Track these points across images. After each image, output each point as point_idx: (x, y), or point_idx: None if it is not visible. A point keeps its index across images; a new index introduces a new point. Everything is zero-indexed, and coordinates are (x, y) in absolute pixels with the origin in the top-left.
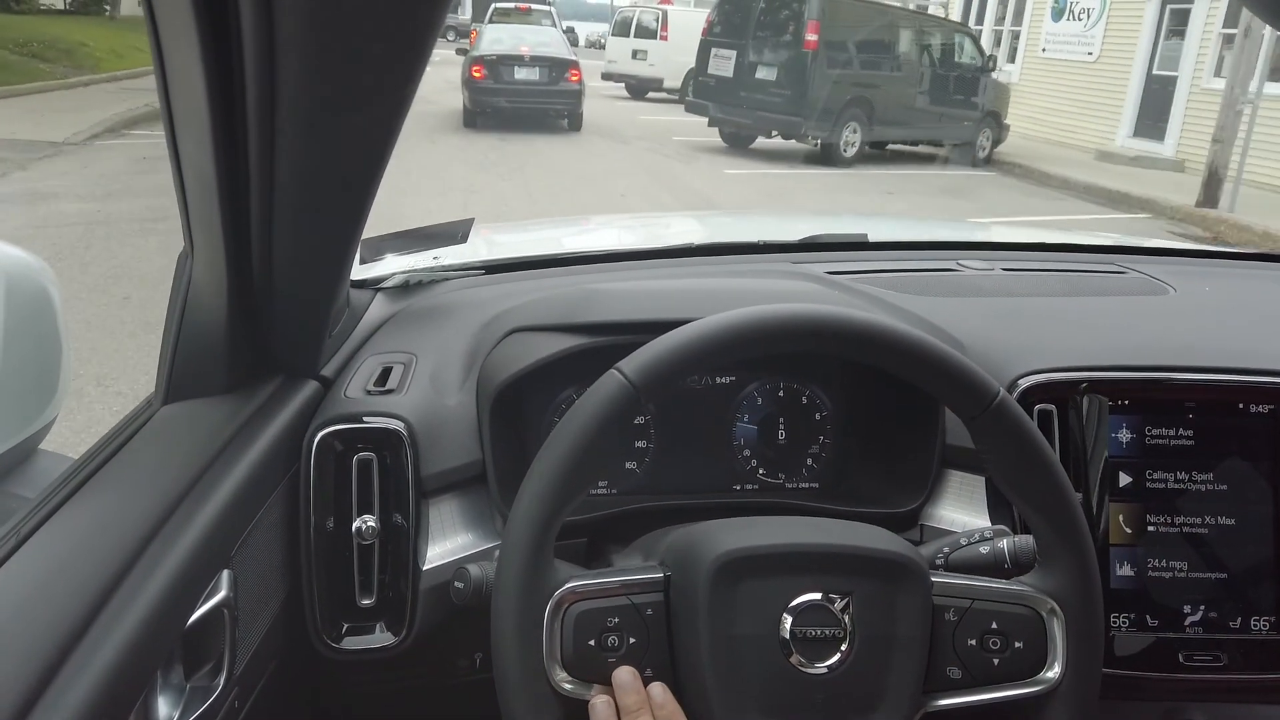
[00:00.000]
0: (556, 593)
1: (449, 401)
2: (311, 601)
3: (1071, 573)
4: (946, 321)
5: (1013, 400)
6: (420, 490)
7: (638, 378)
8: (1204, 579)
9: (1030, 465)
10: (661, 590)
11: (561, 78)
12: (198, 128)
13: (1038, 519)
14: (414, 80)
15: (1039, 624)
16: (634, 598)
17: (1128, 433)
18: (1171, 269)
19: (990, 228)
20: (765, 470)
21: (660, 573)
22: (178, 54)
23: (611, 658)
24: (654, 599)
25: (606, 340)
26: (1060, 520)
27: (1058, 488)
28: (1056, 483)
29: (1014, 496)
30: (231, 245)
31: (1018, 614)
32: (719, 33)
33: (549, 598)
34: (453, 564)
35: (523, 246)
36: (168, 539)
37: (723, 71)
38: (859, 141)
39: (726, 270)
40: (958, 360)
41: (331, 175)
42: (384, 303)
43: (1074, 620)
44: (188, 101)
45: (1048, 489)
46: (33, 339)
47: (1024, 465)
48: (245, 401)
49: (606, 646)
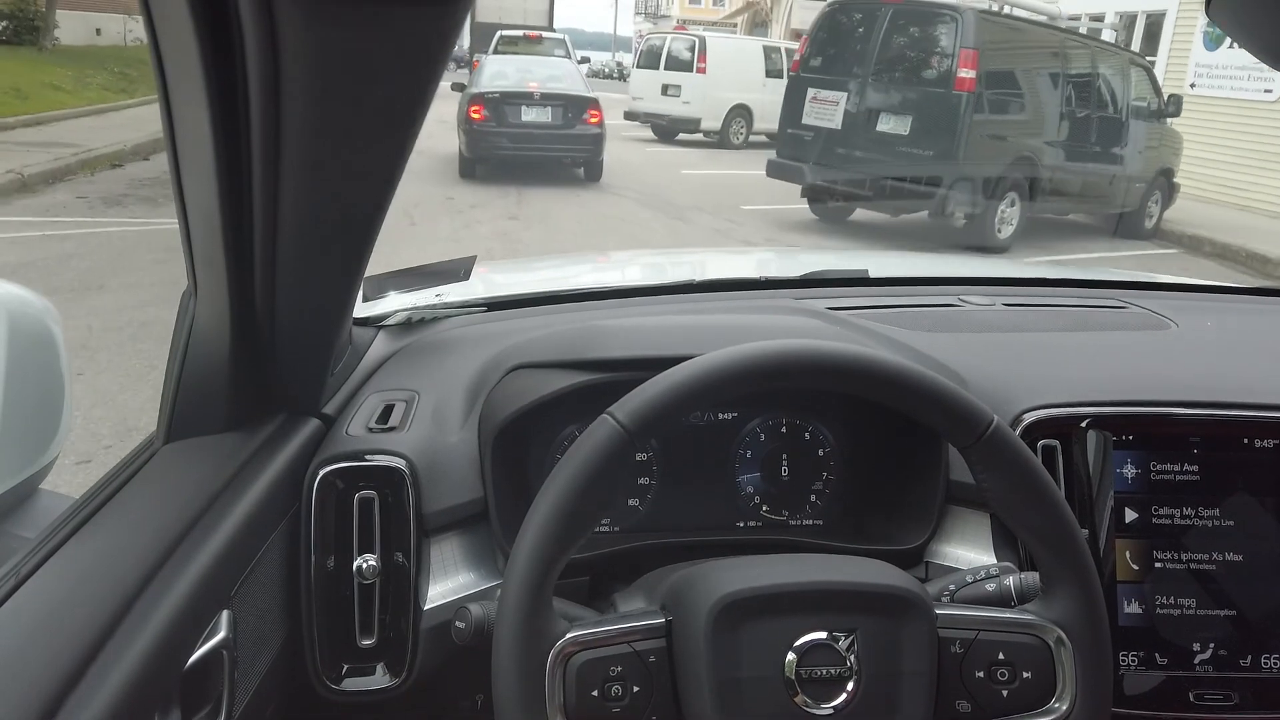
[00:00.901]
0: (557, 644)
1: (451, 439)
2: (311, 642)
3: (1076, 599)
4: (948, 357)
5: (1007, 427)
6: (422, 529)
7: (630, 422)
8: (1213, 616)
9: (1028, 492)
10: (663, 636)
11: (578, 119)
12: (202, 167)
13: (1038, 546)
14: (417, 121)
15: (1047, 653)
16: (636, 645)
17: (1132, 468)
18: (1173, 304)
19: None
20: (768, 507)
21: (661, 618)
22: (183, 94)
23: (616, 708)
24: (656, 645)
25: (609, 377)
26: (1061, 546)
27: (1057, 514)
28: (1055, 509)
29: (1014, 525)
30: (235, 284)
31: (1025, 644)
32: (819, 68)
33: (549, 650)
34: (454, 603)
35: (525, 284)
36: (167, 579)
37: (825, 121)
38: (1018, 217)
39: (729, 306)
40: (949, 389)
41: (335, 214)
42: (386, 340)
43: (1082, 647)
44: (193, 141)
45: (1046, 515)
46: (35, 378)
47: (1022, 492)
48: (247, 440)
49: (610, 696)
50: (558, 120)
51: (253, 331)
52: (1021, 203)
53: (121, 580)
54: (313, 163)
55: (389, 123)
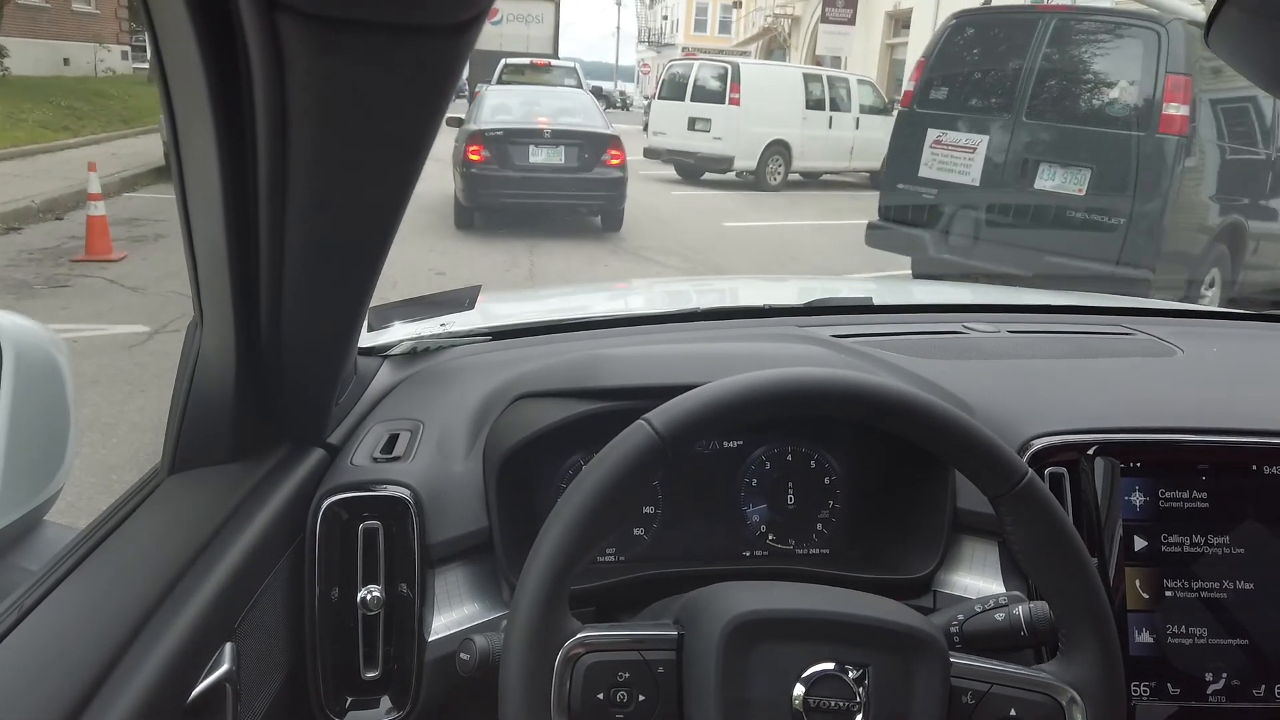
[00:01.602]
0: (568, 642)
1: (456, 468)
2: (315, 674)
3: (1094, 662)
4: (954, 384)
5: (1040, 481)
6: (426, 559)
7: (666, 430)
8: (1225, 645)
9: (1055, 548)
10: (674, 649)
11: (596, 160)
12: (210, 201)
13: (1060, 604)
14: (423, 151)
15: (1058, 713)
16: (646, 654)
17: (1141, 496)
18: (1177, 330)
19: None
20: (774, 536)
21: (674, 631)
22: (190, 126)
23: (620, 714)
24: (666, 657)
25: (615, 405)
26: (1083, 606)
27: (1083, 574)
28: (1081, 569)
29: (1037, 578)
30: (240, 314)
31: (1037, 702)
32: (945, 102)
33: (560, 646)
34: (459, 635)
35: (529, 313)
36: (171, 611)
37: (956, 174)
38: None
39: (733, 334)
40: (988, 438)
41: (341, 245)
42: (391, 370)
43: (1095, 710)
44: (200, 173)
45: (1072, 574)
46: (41, 410)
47: (1049, 548)
48: (251, 470)
49: (615, 702)
50: (572, 162)
51: (258, 362)
52: (1223, 282)
53: (125, 613)
54: (319, 193)
55: (395, 154)
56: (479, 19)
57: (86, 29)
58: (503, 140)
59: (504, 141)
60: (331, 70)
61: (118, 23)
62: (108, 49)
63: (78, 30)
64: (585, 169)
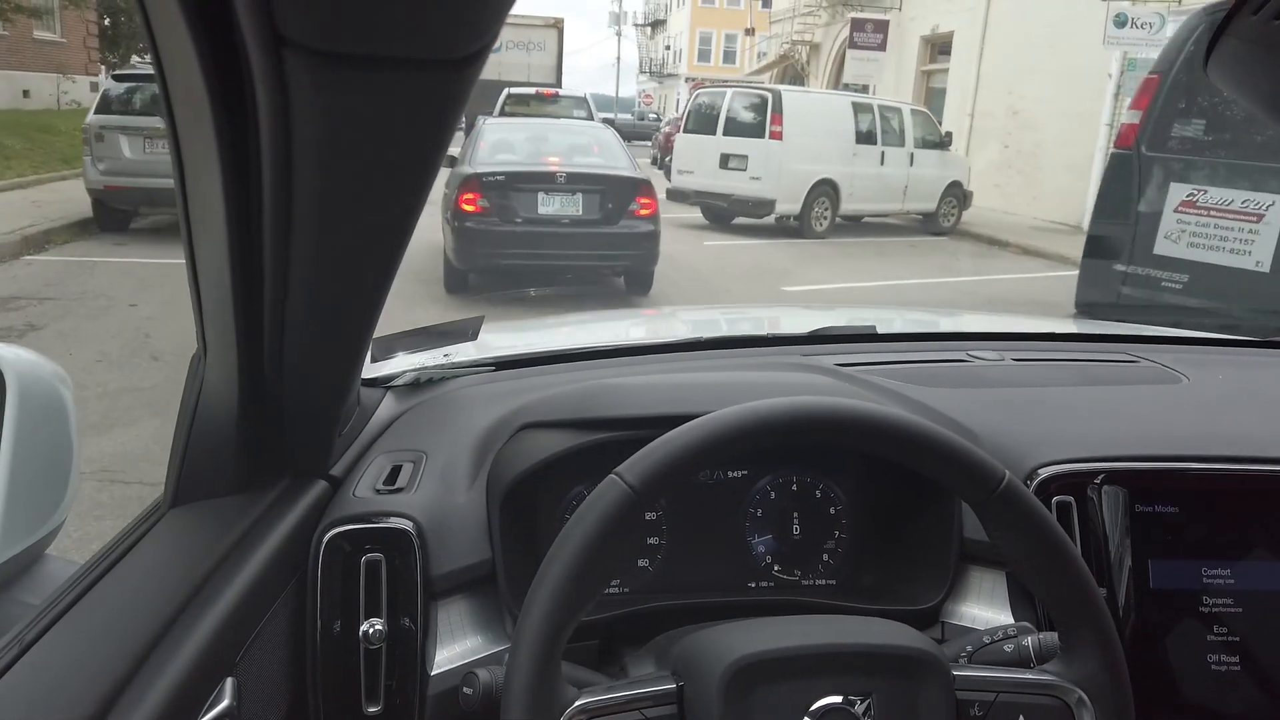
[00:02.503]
0: (566, 712)
1: (459, 499)
2: (317, 708)
3: (1096, 659)
4: (958, 412)
5: (1019, 483)
6: (429, 592)
7: (638, 482)
8: (1235, 674)
9: (1043, 548)
10: (674, 702)
11: (622, 212)
12: (214, 233)
13: (1056, 604)
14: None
15: (1068, 715)
16: (647, 712)
17: (1149, 525)
18: (1183, 357)
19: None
20: (780, 567)
21: (672, 683)
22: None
23: None
24: (667, 712)
25: (618, 435)
26: (1078, 604)
27: (1073, 571)
28: (1071, 565)
29: (1030, 582)
30: (244, 347)
31: (1045, 705)
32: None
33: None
34: (461, 669)
35: (533, 343)
36: (172, 646)
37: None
38: None
39: (737, 364)
40: (960, 445)
41: (345, 276)
42: (394, 401)
43: (1103, 708)
44: (204, 205)
45: (1063, 572)
46: (44, 442)
47: (1037, 549)
48: (253, 503)
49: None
50: (592, 213)
51: (261, 394)
52: None
53: (125, 646)
54: (323, 226)
55: (399, 185)
56: (484, 52)
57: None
58: (505, 186)
59: (506, 188)
60: (336, 104)
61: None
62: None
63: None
64: (608, 222)
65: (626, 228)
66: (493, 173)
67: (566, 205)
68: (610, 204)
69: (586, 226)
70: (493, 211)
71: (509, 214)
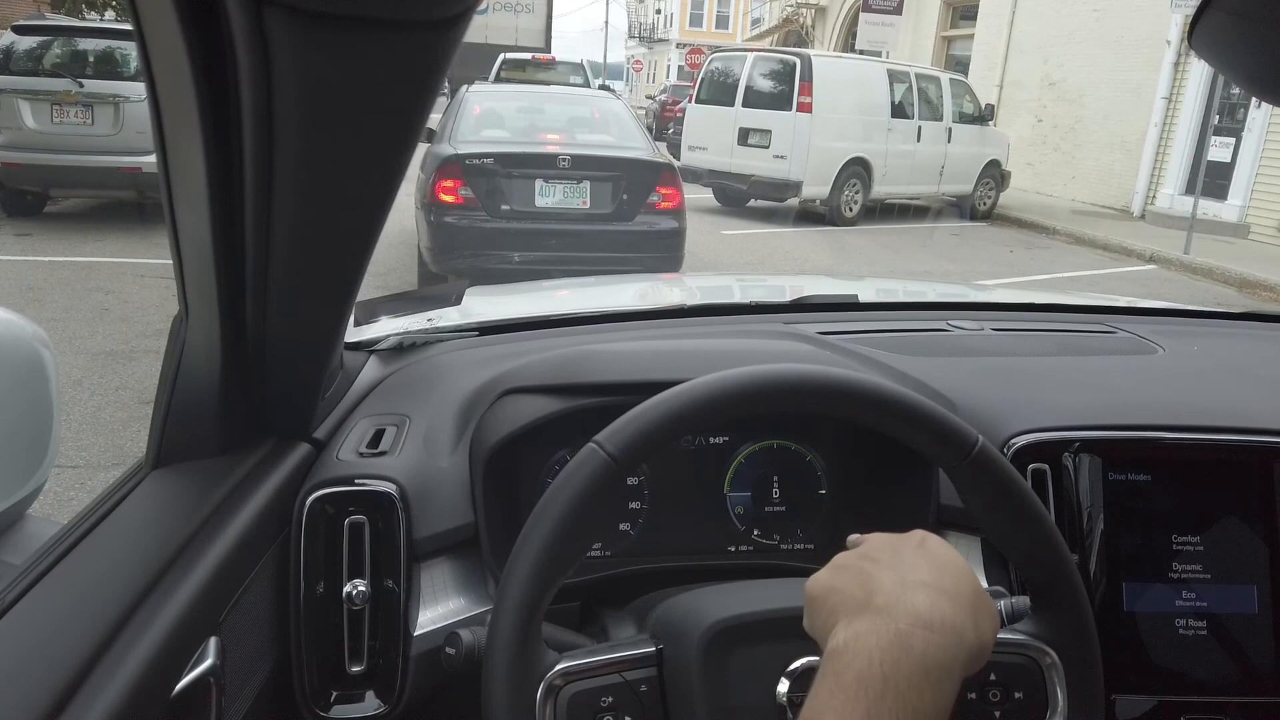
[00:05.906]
0: (547, 676)
1: (442, 463)
2: (300, 669)
3: (1066, 619)
4: (937, 381)
5: (992, 447)
6: (412, 554)
7: (617, 450)
8: (1204, 639)
9: (1015, 512)
10: (654, 665)
11: (641, 203)
12: (195, 195)
13: (1027, 566)
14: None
15: (1038, 672)
16: (626, 675)
17: (1123, 493)
18: (1159, 328)
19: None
20: (760, 531)
21: (652, 646)
22: (177, 121)
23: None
24: (647, 674)
25: (600, 401)
26: (1049, 566)
27: (1044, 534)
28: (1042, 528)
29: (1002, 545)
30: (226, 309)
31: (1015, 664)
32: None
33: (539, 682)
34: (444, 629)
35: (516, 308)
36: (155, 605)
37: None
38: None
39: (720, 331)
40: (935, 410)
41: (327, 239)
42: (378, 365)
43: (1073, 667)
44: (186, 167)
45: (1034, 535)
46: (25, 403)
47: (1009, 513)
48: (236, 465)
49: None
50: (603, 206)
51: (243, 356)
52: None
53: (108, 606)
54: (305, 188)
55: (382, 148)
56: (466, 14)
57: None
58: (493, 171)
59: (495, 173)
60: (317, 65)
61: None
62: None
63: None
64: (622, 217)
65: (645, 224)
66: (478, 154)
67: (570, 196)
68: (625, 194)
69: (595, 223)
70: (478, 203)
71: (498, 206)
